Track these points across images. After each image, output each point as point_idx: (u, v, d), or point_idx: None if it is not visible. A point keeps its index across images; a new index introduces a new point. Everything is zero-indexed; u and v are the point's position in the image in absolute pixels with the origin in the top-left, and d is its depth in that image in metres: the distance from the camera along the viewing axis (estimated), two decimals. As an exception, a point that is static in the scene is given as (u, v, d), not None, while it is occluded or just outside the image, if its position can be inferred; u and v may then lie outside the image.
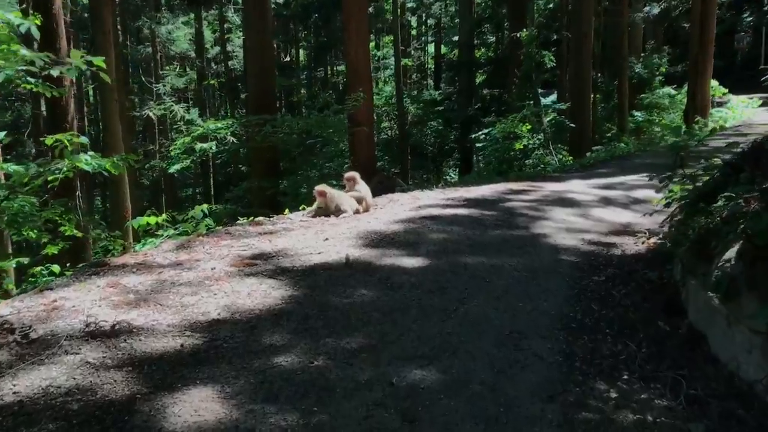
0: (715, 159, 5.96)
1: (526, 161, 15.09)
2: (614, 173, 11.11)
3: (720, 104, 23.16)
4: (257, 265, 5.70)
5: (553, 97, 22.28)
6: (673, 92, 21.94)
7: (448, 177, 31.55)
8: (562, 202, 8.28)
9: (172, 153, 12.07)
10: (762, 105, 23.40)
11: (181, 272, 5.50)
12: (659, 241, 6.10)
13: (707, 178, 5.61)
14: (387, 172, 26.51)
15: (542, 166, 14.11)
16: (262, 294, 4.94)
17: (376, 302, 4.75)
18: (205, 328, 4.32)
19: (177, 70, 14.09)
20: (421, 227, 6.91)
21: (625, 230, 6.92)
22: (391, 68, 33.32)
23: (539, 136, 14.55)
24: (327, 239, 6.54)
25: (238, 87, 27.27)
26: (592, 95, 19.58)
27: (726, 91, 23.46)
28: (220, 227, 7.56)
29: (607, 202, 8.38)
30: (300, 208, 9.04)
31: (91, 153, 6.74)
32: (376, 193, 9.69)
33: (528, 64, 19.83)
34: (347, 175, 8.26)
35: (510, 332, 4.22)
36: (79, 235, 8.14)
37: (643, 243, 6.27)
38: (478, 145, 20.47)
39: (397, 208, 8.22)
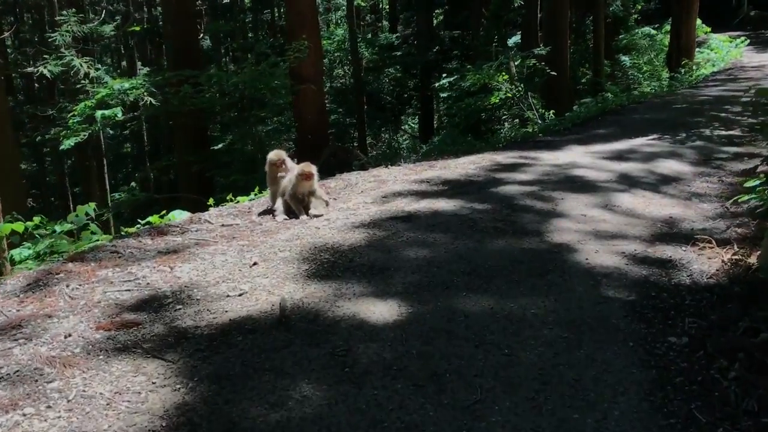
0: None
1: (502, 116, 13.08)
2: (616, 135, 9.16)
3: (699, 44, 21.36)
4: (141, 324, 3.63)
5: (517, 38, 20.04)
6: (653, 32, 20.01)
7: (406, 127, 29.43)
8: (572, 184, 6.32)
9: (70, 122, 9.66)
10: (748, 44, 21.65)
11: (13, 347, 3.40)
12: (740, 259, 4.20)
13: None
14: (342, 127, 24.27)
15: (519, 124, 12.15)
16: (132, 403, 2.89)
17: (327, 419, 2.75)
18: None
19: (77, 15, 11.53)
20: (392, 236, 4.89)
21: (673, 231, 5.01)
22: (342, 9, 30.53)
23: (519, 88, 12.45)
24: (255, 264, 4.47)
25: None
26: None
27: (709, 29, 21.62)
28: (108, 239, 5.41)
29: (628, 182, 6.45)
30: (227, 198, 6.89)
31: None
32: (328, 170, 7.60)
33: (497, 2, 17.63)
34: (273, 158, 5.92)
35: (578, 505, 2.27)
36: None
37: (712, 259, 4.36)
38: (442, 95, 18.36)
39: (356, 199, 6.16)
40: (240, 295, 3.97)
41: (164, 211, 6.61)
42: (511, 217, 5.28)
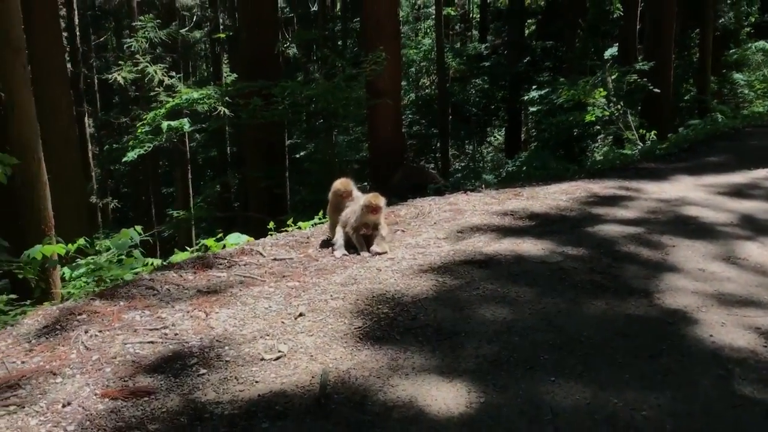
0: None
1: (596, 135, 12.03)
2: (732, 165, 8.02)
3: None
4: (154, 393, 3.00)
5: (613, 50, 18.72)
6: (768, 46, 18.27)
7: (492, 139, 28.44)
8: (685, 227, 5.35)
9: (138, 132, 9.33)
10: None
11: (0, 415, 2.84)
12: None
13: None
14: (424, 138, 23.54)
15: (615, 144, 11.06)
16: None
17: None
18: None
19: (155, 20, 11.27)
20: (465, 286, 4.11)
21: (820, 300, 4.00)
22: (432, 18, 29.85)
23: (618, 106, 11.37)
24: (301, 314, 3.79)
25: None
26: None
27: (832, 44, 19.59)
28: (149, 270, 4.88)
29: (753, 226, 5.42)
30: (287, 223, 6.27)
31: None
32: (400, 194, 6.88)
33: (595, 12, 16.49)
34: (339, 188, 5.20)
35: None
36: None
37: None
38: (532, 109, 17.33)
39: (428, 233, 5.41)
40: (277, 358, 3.29)
41: (221, 234, 6.10)
42: (612, 269, 4.40)
